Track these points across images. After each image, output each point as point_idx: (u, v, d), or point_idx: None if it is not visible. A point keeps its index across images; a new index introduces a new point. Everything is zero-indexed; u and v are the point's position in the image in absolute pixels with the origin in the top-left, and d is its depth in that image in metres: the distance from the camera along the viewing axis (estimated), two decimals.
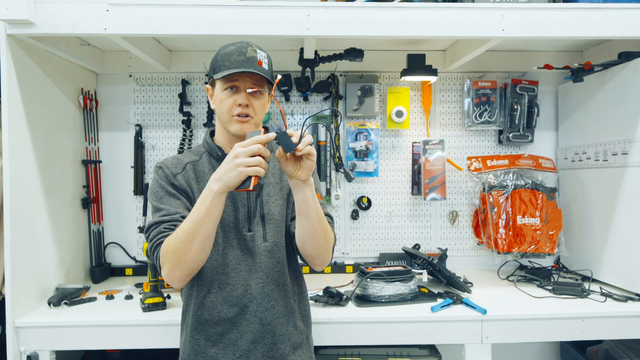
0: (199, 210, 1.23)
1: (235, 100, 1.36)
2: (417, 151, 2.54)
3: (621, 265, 2.09)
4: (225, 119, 1.39)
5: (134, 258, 2.51)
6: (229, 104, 1.37)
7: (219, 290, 1.38)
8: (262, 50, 1.41)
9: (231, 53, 1.36)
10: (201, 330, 1.39)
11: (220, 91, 1.38)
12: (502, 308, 1.88)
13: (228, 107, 1.37)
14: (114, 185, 2.51)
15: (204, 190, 1.24)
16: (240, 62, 1.34)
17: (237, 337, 1.38)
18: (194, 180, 1.41)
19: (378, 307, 1.90)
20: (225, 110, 1.37)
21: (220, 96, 1.38)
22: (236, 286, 1.38)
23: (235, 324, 1.38)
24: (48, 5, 1.71)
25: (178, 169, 1.42)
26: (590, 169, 2.29)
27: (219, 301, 1.38)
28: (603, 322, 1.85)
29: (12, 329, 1.73)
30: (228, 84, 1.36)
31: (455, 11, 1.81)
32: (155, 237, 1.32)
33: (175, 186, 1.39)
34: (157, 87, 2.52)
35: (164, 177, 1.40)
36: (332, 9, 1.78)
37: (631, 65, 2.00)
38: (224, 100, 1.37)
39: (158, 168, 1.43)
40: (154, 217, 1.35)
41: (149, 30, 1.75)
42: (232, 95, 1.37)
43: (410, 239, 2.59)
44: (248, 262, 1.40)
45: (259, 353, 1.38)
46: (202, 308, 1.39)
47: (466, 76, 2.56)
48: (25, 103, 1.84)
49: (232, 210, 1.41)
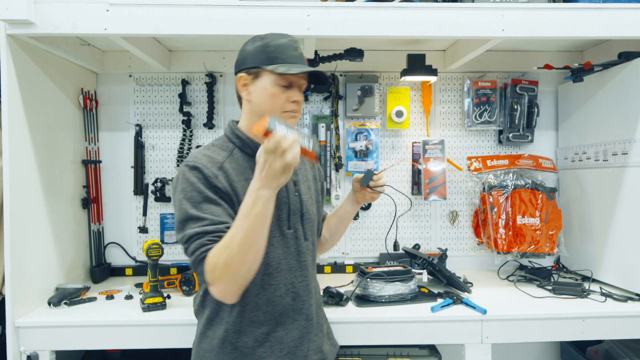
0: (250, 219, 1.14)
1: (288, 97, 1.32)
2: (417, 151, 2.54)
3: (621, 265, 2.09)
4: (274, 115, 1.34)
5: (134, 258, 2.51)
6: (282, 100, 1.32)
7: (263, 291, 1.34)
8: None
9: (285, 46, 1.32)
10: (247, 331, 1.34)
11: (271, 85, 1.31)
12: (502, 308, 1.88)
13: (281, 103, 1.32)
14: (114, 185, 2.51)
15: (248, 197, 1.15)
16: (296, 58, 1.33)
17: (282, 335, 1.36)
18: (235, 180, 1.30)
19: (378, 307, 1.90)
20: (278, 106, 1.32)
21: (272, 90, 1.31)
22: (279, 285, 1.36)
23: (280, 322, 1.36)
24: (48, 5, 1.71)
25: (215, 168, 1.29)
26: (590, 169, 2.29)
27: (263, 302, 1.34)
28: (603, 322, 1.85)
29: (12, 329, 1.73)
30: (284, 81, 1.31)
31: (455, 11, 1.81)
32: (197, 249, 1.20)
33: (216, 189, 1.26)
34: (157, 87, 2.52)
35: (202, 180, 1.26)
36: (332, 9, 1.78)
37: (631, 65, 2.00)
38: (278, 95, 1.31)
39: (192, 168, 1.28)
40: (194, 226, 1.21)
41: (149, 30, 1.75)
42: (285, 91, 1.32)
43: (410, 239, 2.59)
44: (289, 260, 1.38)
45: (305, 348, 1.39)
46: (247, 310, 1.33)
47: (466, 76, 2.56)
48: (25, 103, 1.84)
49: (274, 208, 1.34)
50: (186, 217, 1.24)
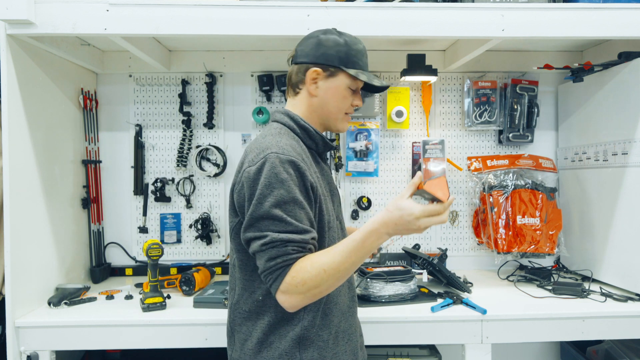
0: (360, 255, 1.15)
1: (353, 101, 1.39)
2: (417, 151, 2.54)
3: (621, 265, 2.09)
4: (337, 115, 1.38)
5: (134, 258, 2.51)
6: (348, 103, 1.38)
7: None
8: None
9: (362, 53, 1.38)
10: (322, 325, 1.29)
11: (344, 87, 1.36)
12: (502, 308, 1.88)
13: (347, 105, 1.38)
14: (114, 185, 2.51)
15: (368, 233, 1.14)
16: (367, 66, 1.40)
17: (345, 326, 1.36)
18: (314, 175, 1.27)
19: (378, 307, 1.90)
20: (344, 108, 1.38)
21: (344, 92, 1.36)
22: None
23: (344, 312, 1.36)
24: (48, 5, 1.71)
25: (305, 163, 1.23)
26: (590, 169, 2.29)
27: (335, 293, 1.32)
28: (603, 322, 1.85)
29: (12, 329, 1.73)
30: (356, 85, 1.38)
31: (455, 11, 1.81)
32: (279, 256, 1.15)
33: (308, 186, 1.21)
34: (157, 87, 2.52)
35: (296, 177, 1.19)
36: (332, 9, 1.78)
37: (631, 65, 2.00)
38: (347, 98, 1.37)
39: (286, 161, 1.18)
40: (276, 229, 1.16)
41: (149, 30, 1.75)
42: (352, 95, 1.38)
43: (410, 239, 2.59)
44: None
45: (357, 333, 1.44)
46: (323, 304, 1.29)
47: (466, 76, 2.56)
48: (25, 103, 1.84)
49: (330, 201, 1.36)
50: (264, 215, 1.16)
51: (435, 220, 1.11)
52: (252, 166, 1.20)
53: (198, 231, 2.49)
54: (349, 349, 1.37)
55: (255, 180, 1.18)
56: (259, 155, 1.21)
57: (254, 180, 1.19)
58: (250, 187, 1.19)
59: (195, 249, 2.53)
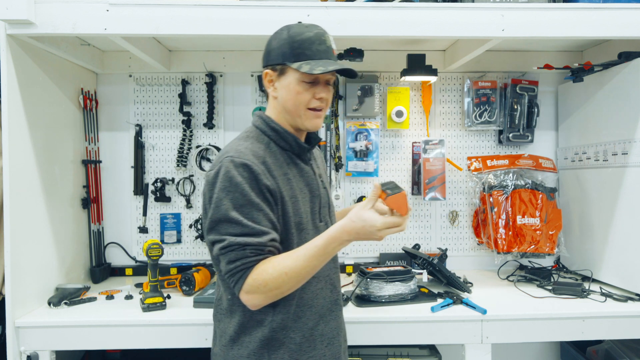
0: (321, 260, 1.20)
1: (314, 94, 1.29)
2: (417, 151, 2.54)
3: (621, 265, 2.09)
4: (299, 112, 1.30)
5: (134, 258, 2.51)
6: (307, 97, 1.29)
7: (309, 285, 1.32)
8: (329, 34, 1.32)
9: (311, 40, 1.26)
10: (294, 327, 1.30)
11: (295, 82, 1.27)
12: (502, 308, 1.88)
13: (306, 100, 1.29)
14: (114, 185, 2.51)
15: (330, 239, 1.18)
16: (322, 52, 1.26)
17: (323, 328, 1.36)
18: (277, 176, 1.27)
19: (378, 307, 1.90)
20: (303, 103, 1.29)
21: (296, 88, 1.28)
22: (321, 278, 1.36)
23: (322, 315, 1.36)
24: (48, 5, 1.71)
25: (261, 165, 1.24)
26: (590, 169, 2.29)
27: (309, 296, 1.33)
28: (603, 322, 1.85)
29: (12, 329, 1.73)
30: (308, 78, 1.27)
31: (455, 11, 1.81)
32: (237, 260, 1.19)
33: (263, 189, 1.22)
34: (157, 87, 2.52)
35: (250, 180, 1.21)
36: (332, 9, 1.78)
37: (631, 65, 2.00)
38: (302, 93, 1.28)
39: (240, 164, 1.21)
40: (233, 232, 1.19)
41: (149, 30, 1.75)
42: (310, 88, 1.28)
43: (410, 239, 2.59)
44: None
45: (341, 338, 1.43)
46: (296, 306, 1.30)
47: (466, 76, 2.56)
48: (25, 103, 1.84)
49: (309, 202, 1.34)
50: (223, 218, 1.20)
51: (395, 230, 1.19)
52: (211, 171, 1.25)
53: (198, 231, 2.49)
54: (330, 353, 1.37)
55: (212, 184, 1.23)
56: (217, 160, 1.27)
57: (212, 184, 1.23)
58: (209, 190, 1.24)
59: (195, 249, 2.53)
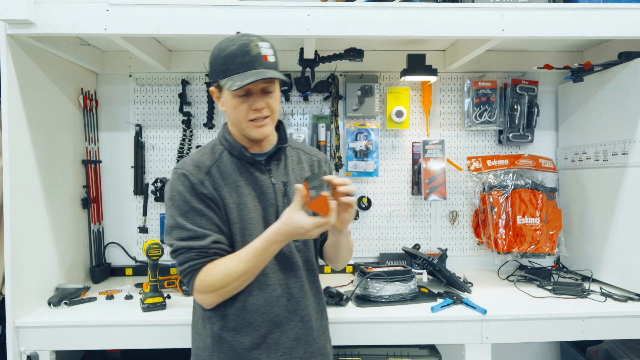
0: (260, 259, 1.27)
1: (250, 105, 1.30)
2: (417, 151, 2.54)
3: (621, 265, 2.09)
4: (241, 125, 1.32)
5: (134, 258, 2.51)
6: (244, 110, 1.30)
7: (260, 292, 1.36)
8: (265, 41, 1.30)
9: (233, 54, 1.26)
10: (245, 333, 1.35)
11: (230, 97, 1.30)
12: (502, 308, 1.88)
13: (244, 113, 1.30)
14: (114, 185, 2.51)
15: (267, 241, 1.26)
16: (246, 64, 1.25)
17: (279, 337, 1.37)
18: (221, 184, 1.34)
19: (378, 307, 1.90)
20: (242, 117, 1.31)
21: (232, 102, 1.30)
22: (275, 286, 1.37)
23: (277, 324, 1.37)
24: (48, 5, 1.71)
25: (202, 174, 1.33)
26: (590, 169, 2.29)
27: (261, 303, 1.35)
28: (603, 322, 1.85)
29: (12, 329, 1.73)
30: (240, 91, 1.28)
31: (455, 11, 1.81)
32: (185, 262, 1.30)
33: (202, 196, 1.31)
34: (157, 87, 2.52)
35: (189, 188, 1.31)
36: (332, 9, 1.78)
37: (631, 65, 2.00)
38: (238, 107, 1.30)
39: (180, 175, 1.32)
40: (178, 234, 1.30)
41: (149, 30, 1.75)
42: (246, 100, 1.29)
43: (410, 239, 2.59)
44: (283, 262, 1.39)
45: (302, 350, 1.39)
46: (245, 311, 1.35)
47: (466, 76, 2.56)
48: (25, 103, 1.84)
49: (260, 210, 1.37)
50: (173, 224, 1.32)
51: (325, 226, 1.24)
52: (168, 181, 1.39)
53: None
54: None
55: (165, 193, 1.38)
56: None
57: (165, 193, 1.38)
58: (165, 200, 1.38)
59: None
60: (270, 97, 1.32)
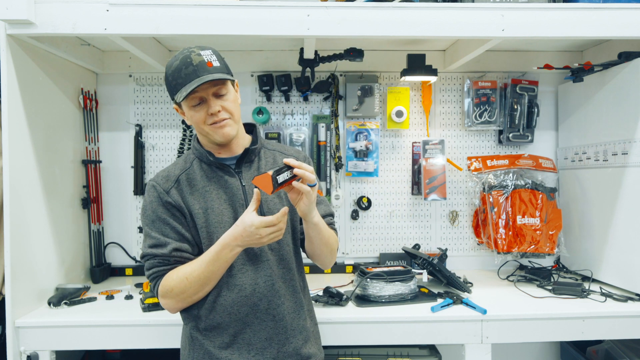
0: (217, 264, 1.31)
1: (206, 112, 1.35)
2: (417, 151, 2.54)
3: (621, 265, 2.09)
4: (204, 131, 1.37)
5: (134, 258, 2.51)
6: (202, 117, 1.35)
7: (229, 292, 1.38)
8: (206, 49, 1.36)
9: (178, 69, 1.32)
10: (215, 333, 1.39)
11: (187, 109, 1.36)
12: (502, 308, 1.88)
13: (202, 119, 1.35)
14: (114, 185, 2.51)
15: (221, 246, 1.30)
16: (190, 74, 1.30)
17: (250, 337, 1.38)
18: (188, 192, 1.40)
19: (378, 307, 1.90)
20: (201, 123, 1.36)
21: (190, 113, 1.36)
22: (244, 286, 1.38)
23: (247, 323, 1.38)
24: (48, 5, 1.71)
25: (169, 183, 1.41)
26: (590, 169, 2.29)
27: (229, 303, 1.37)
28: (603, 322, 1.85)
29: (12, 329, 1.73)
30: (192, 101, 1.34)
31: (455, 11, 1.81)
32: (150, 268, 1.38)
33: (168, 205, 1.38)
34: (157, 87, 2.52)
35: (157, 198, 1.39)
36: (332, 9, 1.78)
37: (631, 65, 2.00)
38: (195, 115, 1.36)
39: (150, 187, 1.42)
40: (146, 242, 1.38)
41: (149, 30, 1.75)
42: (202, 108, 1.35)
43: (410, 239, 2.59)
44: (253, 261, 1.40)
45: (274, 350, 1.39)
46: (214, 312, 1.38)
47: (466, 76, 2.56)
48: (25, 103, 1.84)
49: (231, 212, 1.40)
50: (145, 232, 1.40)
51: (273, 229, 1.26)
52: None
53: None
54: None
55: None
56: None
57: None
58: None
59: None
60: (223, 100, 1.36)
